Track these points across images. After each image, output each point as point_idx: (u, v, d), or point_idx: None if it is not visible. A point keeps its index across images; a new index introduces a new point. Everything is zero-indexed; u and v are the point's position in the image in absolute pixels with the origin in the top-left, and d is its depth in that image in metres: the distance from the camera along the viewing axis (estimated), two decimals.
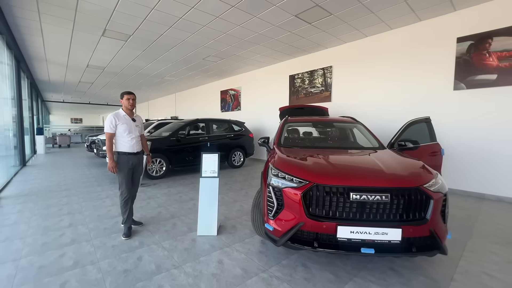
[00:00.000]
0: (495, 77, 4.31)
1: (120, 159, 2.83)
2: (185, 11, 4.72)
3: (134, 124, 2.94)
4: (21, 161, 7.73)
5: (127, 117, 2.91)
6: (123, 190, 2.85)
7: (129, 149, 2.87)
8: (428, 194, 1.91)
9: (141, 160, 3.06)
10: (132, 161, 2.90)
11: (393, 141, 3.30)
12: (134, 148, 2.91)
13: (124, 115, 2.90)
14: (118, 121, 2.82)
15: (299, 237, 2.04)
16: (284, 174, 2.17)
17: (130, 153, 2.88)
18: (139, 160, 3.00)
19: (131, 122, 2.92)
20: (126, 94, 2.91)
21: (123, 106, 2.93)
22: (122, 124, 2.83)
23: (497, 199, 4.36)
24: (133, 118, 2.97)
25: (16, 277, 2.04)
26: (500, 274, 2.15)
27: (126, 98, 2.90)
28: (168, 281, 2.01)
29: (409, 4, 4.43)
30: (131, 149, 2.88)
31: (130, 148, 2.87)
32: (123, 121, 2.85)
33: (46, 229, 3.00)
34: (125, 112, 2.93)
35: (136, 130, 2.97)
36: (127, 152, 2.86)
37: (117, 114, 2.88)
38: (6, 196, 4.38)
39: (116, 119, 2.82)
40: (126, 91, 2.95)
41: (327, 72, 6.94)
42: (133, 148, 2.90)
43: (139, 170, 3.06)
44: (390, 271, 2.18)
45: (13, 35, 5.80)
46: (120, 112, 2.92)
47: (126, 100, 2.90)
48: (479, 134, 4.51)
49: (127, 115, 2.93)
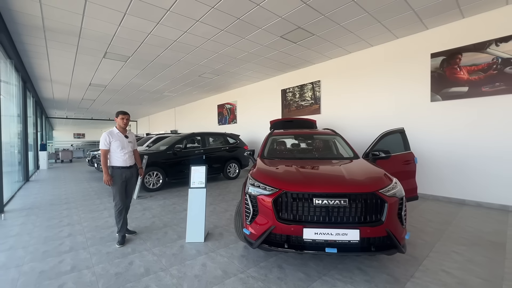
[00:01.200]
0: (467, 89, 4.63)
1: (114, 173, 3.09)
2: (179, 35, 5.15)
3: (126, 141, 3.21)
4: (24, 177, 8.02)
5: (120, 134, 3.18)
6: (117, 201, 3.10)
7: (122, 163, 3.12)
8: (383, 198, 2.16)
9: (134, 173, 3.30)
10: (125, 174, 3.14)
11: (368, 151, 3.57)
12: (127, 162, 3.16)
13: (117, 132, 3.18)
14: (112, 139, 3.09)
15: (272, 240, 2.28)
16: (259, 183, 2.44)
17: (124, 167, 3.13)
18: (132, 173, 3.24)
19: (124, 139, 3.19)
20: (121, 114, 3.20)
21: (117, 124, 3.22)
22: (116, 141, 3.11)
23: (476, 205, 4.56)
24: (125, 135, 3.23)
25: (19, 280, 2.28)
26: (457, 271, 2.36)
27: (121, 117, 3.19)
28: (155, 281, 2.24)
29: (383, 24, 4.83)
30: (124, 163, 3.13)
31: (123, 163, 3.12)
32: (116, 138, 3.12)
33: (47, 239, 3.25)
34: (118, 130, 3.21)
35: (129, 145, 3.23)
36: (120, 166, 3.11)
37: (111, 132, 3.16)
38: (10, 210, 4.64)
39: (110, 137, 3.10)
40: (121, 111, 3.24)
41: (316, 86, 7.32)
42: (126, 162, 3.15)
43: (132, 183, 3.30)
44: (357, 270, 2.39)
45: (21, 59, 6.26)
46: (114, 130, 3.20)
47: (121, 120, 3.19)
48: (456, 142, 4.77)
49: (120, 132, 3.20)
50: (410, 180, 3.70)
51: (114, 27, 4.72)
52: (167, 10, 4.17)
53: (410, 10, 4.30)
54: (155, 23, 4.62)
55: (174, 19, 4.48)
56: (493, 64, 4.33)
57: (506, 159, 4.24)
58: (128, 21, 4.50)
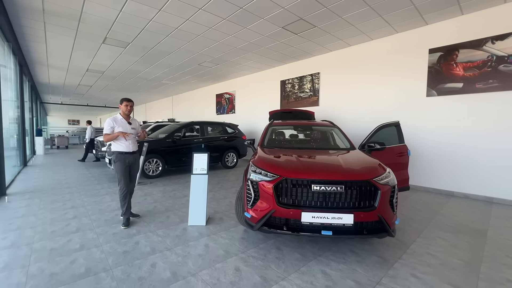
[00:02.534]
0: (461, 85, 4.76)
1: (117, 158, 3.20)
2: (180, 22, 5.13)
3: (130, 127, 3.30)
4: (22, 162, 8.04)
5: (123, 121, 3.27)
6: (122, 185, 3.20)
7: (125, 148, 3.22)
8: (376, 186, 2.32)
9: (137, 159, 3.45)
10: (128, 159, 3.26)
11: (364, 143, 3.71)
12: (130, 148, 3.26)
13: (121, 119, 3.28)
14: (115, 124, 3.19)
15: (272, 223, 2.44)
16: (260, 170, 2.57)
17: (127, 152, 3.24)
18: (134, 159, 3.37)
19: (127, 125, 3.28)
20: (125, 101, 3.28)
21: (121, 111, 3.31)
22: (119, 127, 3.20)
23: (463, 196, 4.79)
24: (129, 122, 3.33)
25: (32, 256, 2.40)
26: (441, 254, 2.56)
27: (125, 104, 3.27)
28: (161, 259, 2.39)
29: (384, 18, 4.88)
30: (127, 149, 3.24)
31: (126, 148, 3.23)
32: (120, 124, 3.22)
33: (53, 220, 3.36)
34: (122, 116, 3.30)
35: (132, 132, 3.31)
36: (123, 151, 3.22)
37: (115, 118, 3.25)
38: (13, 193, 4.72)
39: (113, 122, 3.19)
40: (125, 98, 3.31)
41: (315, 78, 7.38)
42: (128, 148, 3.25)
43: (135, 168, 3.46)
44: (350, 252, 2.58)
45: (18, 42, 6.16)
46: (118, 116, 3.30)
47: (125, 106, 3.27)
48: (448, 137, 4.95)
49: (124, 119, 3.29)
50: (403, 171, 3.88)
51: (115, 12, 4.68)
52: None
53: (411, 5, 4.36)
54: (157, 10, 4.60)
55: (176, 6, 4.46)
56: (488, 62, 4.46)
57: (494, 153, 4.44)
58: (129, 6, 4.46)
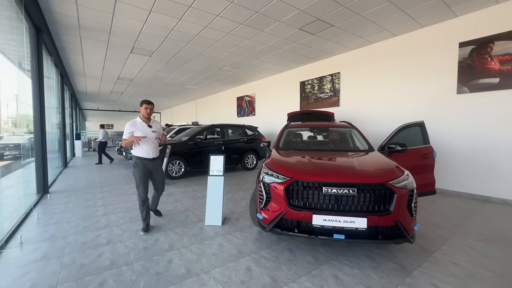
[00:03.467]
0: (498, 81, 4.36)
1: (136, 163, 3.07)
2: (200, 29, 5.35)
3: (150, 130, 3.13)
4: (63, 163, 8.88)
5: (143, 124, 3.12)
6: (140, 192, 3.08)
7: (144, 154, 3.07)
8: (392, 189, 2.22)
9: (158, 164, 3.28)
10: (148, 166, 3.11)
11: (383, 144, 3.56)
12: (149, 154, 3.09)
13: (140, 122, 3.12)
14: (134, 128, 3.06)
15: (283, 225, 2.45)
16: (272, 172, 2.60)
17: (146, 158, 3.08)
18: (154, 166, 3.18)
19: (147, 128, 3.12)
20: (145, 103, 3.12)
21: (141, 113, 3.16)
22: (138, 131, 3.06)
23: (502, 202, 4.36)
24: (149, 125, 3.17)
25: (66, 248, 2.67)
26: (467, 264, 2.37)
27: (145, 107, 3.11)
28: (178, 256, 2.51)
29: (407, 13, 4.65)
30: (147, 155, 3.08)
31: (145, 154, 3.07)
32: (139, 128, 3.08)
33: (86, 216, 3.69)
34: (141, 120, 3.14)
35: (153, 135, 3.15)
36: (142, 157, 3.07)
37: (134, 122, 3.12)
38: (54, 191, 5.25)
39: (132, 127, 3.06)
40: (145, 100, 3.15)
41: (335, 78, 7.21)
42: (148, 153, 3.08)
43: (158, 172, 3.27)
44: (365, 257, 2.49)
45: (59, 55, 6.86)
46: (137, 120, 3.15)
47: (144, 109, 3.10)
48: (483, 137, 4.54)
49: (143, 122, 3.13)
50: (428, 174, 3.64)
51: (140, 24, 5.03)
52: (189, 6, 4.36)
53: None
54: (178, 19, 4.85)
55: (195, 15, 4.67)
56: None
57: None
58: (153, 18, 4.76)
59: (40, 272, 2.23)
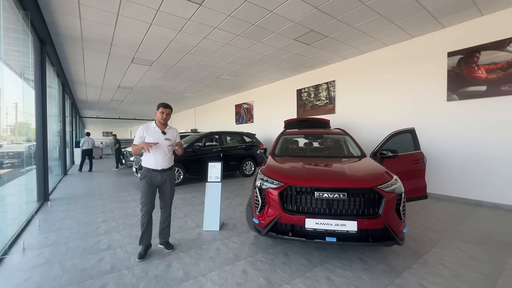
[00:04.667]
0: (485, 89, 4.53)
1: (143, 175, 2.70)
2: (198, 40, 5.54)
3: (163, 137, 2.73)
4: (63, 171, 8.95)
5: (156, 130, 2.74)
6: (142, 207, 2.69)
7: (151, 164, 2.67)
8: (380, 194, 2.34)
9: (169, 178, 2.80)
10: (156, 179, 2.69)
11: (375, 150, 3.69)
12: (157, 164, 2.66)
13: (154, 127, 2.75)
14: (146, 134, 2.68)
15: (278, 228, 2.55)
16: (267, 178, 2.71)
17: (154, 170, 2.67)
18: (163, 179, 2.73)
19: (160, 135, 2.72)
20: (161, 107, 2.73)
21: (157, 118, 2.78)
22: (149, 136, 2.67)
23: (494, 206, 4.46)
24: (163, 131, 2.77)
25: (68, 253, 2.75)
26: (456, 265, 2.46)
27: (161, 111, 2.72)
28: (176, 260, 2.60)
29: (397, 24, 4.86)
30: (154, 165, 2.66)
31: (153, 164, 2.67)
32: (151, 133, 2.70)
33: (86, 223, 3.77)
34: (156, 125, 2.77)
35: (165, 143, 2.72)
36: (150, 168, 2.68)
37: (147, 126, 2.75)
38: (54, 199, 5.32)
39: (144, 132, 2.70)
40: (162, 103, 2.75)
41: (331, 86, 7.41)
42: (156, 163, 2.66)
43: (166, 188, 2.77)
44: (357, 260, 2.58)
45: (61, 66, 7.04)
46: (151, 124, 2.77)
47: (160, 114, 2.72)
48: (473, 143, 4.69)
49: (158, 127, 2.76)
50: (420, 179, 3.76)
51: (141, 36, 5.21)
52: (188, 19, 4.55)
53: (424, 10, 4.31)
54: (177, 31, 5.04)
55: (194, 27, 4.86)
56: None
57: None
58: (153, 30, 4.95)
59: (43, 276, 2.31)
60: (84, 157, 10.07)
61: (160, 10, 4.21)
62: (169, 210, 2.88)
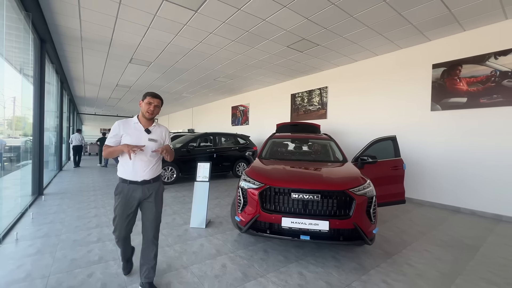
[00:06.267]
0: (466, 100, 4.76)
1: (117, 189, 2.01)
2: (194, 44, 5.73)
3: (146, 137, 1.99)
4: (58, 166, 9.06)
5: (138, 127, 2.00)
6: (115, 226, 2.04)
7: (128, 175, 1.95)
8: (351, 196, 2.52)
9: (155, 193, 2.06)
10: (133, 194, 1.97)
11: (357, 156, 3.88)
12: (137, 175, 1.95)
13: (135, 123, 2.01)
14: (123, 131, 1.95)
15: (257, 226, 2.72)
16: (250, 178, 2.89)
17: (131, 181, 1.97)
18: (144, 194, 2.00)
19: (142, 135, 1.99)
20: (149, 96, 2.01)
21: (141, 111, 2.05)
22: (127, 135, 1.94)
23: (470, 213, 4.67)
24: (147, 129, 2.02)
25: (58, 245, 2.90)
26: (420, 265, 2.65)
27: (147, 101, 2.00)
28: (161, 254, 2.75)
29: (385, 36, 5.08)
30: (132, 175, 1.95)
31: (130, 174, 1.95)
32: (130, 131, 1.96)
33: (78, 217, 3.92)
34: (138, 120, 2.03)
35: (149, 146, 1.98)
36: (127, 179, 1.97)
37: (127, 122, 2.01)
38: (48, 193, 5.45)
39: (120, 128, 1.96)
40: (150, 92, 2.04)
41: (323, 92, 7.62)
42: (135, 174, 1.95)
43: (149, 208, 2.03)
44: (331, 258, 2.76)
45: (60, 63, 7.19)
46: (132, 120, 2.05)
47: (146, 105, 1.99)
48: (454, 151, 4.90)
49: (140, 123, 2.02)
50: (398, 184, 3.95)
51: (139, 38, 5.39)
52: (184, 24, 4.73)
53: (409, 24, 4.53)
54: (174, 35, 5.22)
55: (190, 32, 5.04)
56: (492, 77, 4.45)
57: (501, 169, 4.33)
58: (151, 33, 5.13)
59: (34, 264, 2.47)
60: (75, 153, 10.39)
61: (157, 15, 4.39)
62: (154, 236, 2.07)
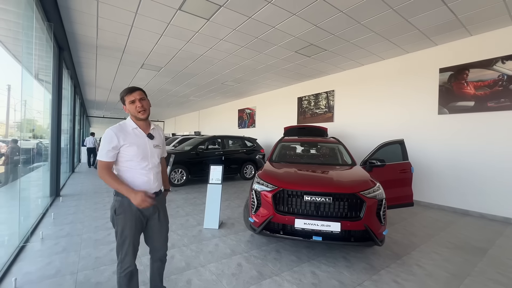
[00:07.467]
0: (473, 104, 4.81)
1: (121, 207, 1.66)
2: (205, 50, 5.91)
3: (152, 144, 1.78)
4: (71, 169, 9.33)
5: (138, 133, 1.74)
6: (123, 257, 1.69)
7: (144, 185, 1.71)
8: (362, 199, 2.62)
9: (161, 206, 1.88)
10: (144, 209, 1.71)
11: (365, 159, 3.97)
12: (151, 185, 1.74)
13: (134, 128, 1.73)
14: (123, 141, 1.65)
15: (271, 227, 2.84)
16: (263, 181, 3.01)
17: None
18: (155, 209, 1.81)
19: (147, 141, 1.75)
20: (127, 95, 1.73)
21: (130, 115, 1.77)
22: (129, 146, 1.66)
23: (480, 216, 4.70)
24: (149, 134, 1.78)
25: (81, 244, 3.06)
26: (429, 266, 2.73)
27: (129, 101, 1.71)
28: (179, 253, 2.90)
29: (391, 41, 5.17)
30: (147, 185, 1.72)
31: (145, 184, 1.71)
32: (131, 139, 1.68)
33: (96, 217, 4.09)
34: (135, 124, 1.74)
35: (155, 152, 1.79)
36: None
37: (122, 128, 1.70)
38: (65, 195, 5.66)
39: (119, 138, 1.64)
40: (124, 90, 1.76)
41: (330, 95, 7.71)
42: (149, 184, 1.73)
43: (161, 220, 1.86)
44: (342, 258, 2.86)
45: (75, 69, 7.45)
46: (128, 124, 1.74)
47: (130, 104, 1.71)
48: (462, 154, 4.94)
49: (139, 128, 1.75)
50: (406, 187, 4.03)
51: (152, 45, 5.59)
52: (196, 32, 4.91)
53: (416, 29, 4.62)
54: (186, 42, 5.40)
55: (201, 38, 5.22)
56: (499, 81, 4.50)
57: (509, 172, 4.37)
58: (163, 40, 5.32)
59: (62, 262, 2.63)
60: (89, 155, 11.10)
61: (171, 23, 4.57)
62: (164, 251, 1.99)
